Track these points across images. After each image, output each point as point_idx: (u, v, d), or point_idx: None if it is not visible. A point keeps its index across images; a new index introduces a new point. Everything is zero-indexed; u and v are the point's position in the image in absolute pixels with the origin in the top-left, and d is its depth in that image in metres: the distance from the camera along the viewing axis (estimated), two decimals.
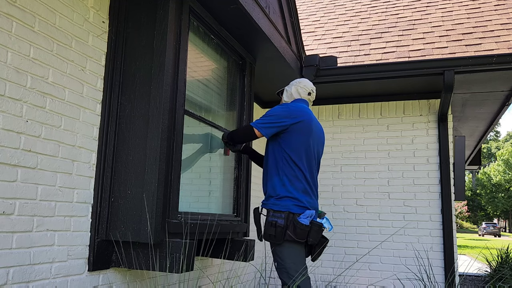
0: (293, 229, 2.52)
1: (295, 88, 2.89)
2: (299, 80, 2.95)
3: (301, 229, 2.52)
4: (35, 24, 1.98)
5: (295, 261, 2.56)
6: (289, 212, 2.55)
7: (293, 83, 2.95)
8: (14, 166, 1.85)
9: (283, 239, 2.53)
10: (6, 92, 1.83)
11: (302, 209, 2.59)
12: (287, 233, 2.52)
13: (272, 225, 2.54)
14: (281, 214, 2.55)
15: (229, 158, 3.34)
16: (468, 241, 23.62)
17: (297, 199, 2.59)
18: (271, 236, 2.55)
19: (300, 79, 2.97)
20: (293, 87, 2.90)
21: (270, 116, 2.69)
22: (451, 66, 3.89)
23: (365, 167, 4.71)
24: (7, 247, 1.81)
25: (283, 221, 2.53)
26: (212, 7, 2.81)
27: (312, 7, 7.05)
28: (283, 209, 2.56)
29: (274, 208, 2.59)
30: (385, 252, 4.46)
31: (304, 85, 2.90)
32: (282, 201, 2.59)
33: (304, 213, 2.57)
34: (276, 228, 2.53)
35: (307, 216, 2.57)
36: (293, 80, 2.99)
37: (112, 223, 2.29)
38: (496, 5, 5.24)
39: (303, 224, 2.52)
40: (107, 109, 2.38)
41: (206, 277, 3.45)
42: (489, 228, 39.05)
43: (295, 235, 2.52)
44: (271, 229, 2.54)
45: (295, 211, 2.56)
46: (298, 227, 2.52)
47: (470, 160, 8.52)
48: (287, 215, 2.54)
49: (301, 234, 2.53)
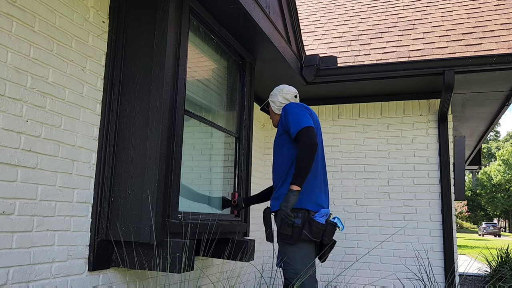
0: (309, 228, 2.47)
1: (281, 96, 2.87)
2: (280, 87, 2.93)
3: (318, 228, 2.47)
4: (35, 24, 1.98)
5: (306, 262, 2.50)
6: (306, 210, 2.51)
7: (275, 93, 2.92)
8: (14, 166, 1.85)
9: (299, 239, 2.48)
10: (6, 92, 1.83)
11: (318, 207, 2.56)
12: (303, 232, 2.46)
13: (289, 225, 2.47)
14: (297, 214, 2.49)
15: (229, 158, 3.34)
16: (468, 241, 23.62)
17: (312, 197, 2.56)
18: (287, 236, 2.47)
19: (279, 86, 2.95)
20: (279, 96, 2.88)
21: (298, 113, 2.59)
22: (451, 66, 3.88)
23: (365, 167, 4.71)
24: (7, 247, 1.81)
25: (300, 221, 2.47)
26: (212, 7, 2.81)
27: (312, 7, 7.05)
28: (299, 206, 2.50)
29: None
30: (385, 252, 4.46)
31: (288, 91, 2.90)
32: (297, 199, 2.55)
33: (319, 211, 2.54)
34: (294, 228, 2.46)
35: (323, 214, 2.53)
36: (273, 91, 2.97)
37: (112, 223, 2.29)
38: (496, 5, 5.24)
39: (319, 223, 2.47)
40: (107, 109, 2.38)
41: (206, 277, 3.45)
42: (489, 228, 39.05)
43: (311, 235, 2.46)
44: (287, 229, 2.46)
45: (311, 209, 2.52)
46: (314, 226, 2.46)
47: (470, 160, 8.52)
48: (304, 214, 2.50)
49: (317, 233, 2.48)
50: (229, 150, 3.35)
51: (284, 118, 2.67)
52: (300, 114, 2.58)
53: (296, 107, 2.66)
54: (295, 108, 2.65)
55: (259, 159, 4.73)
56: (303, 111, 2.62)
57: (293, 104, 2.69)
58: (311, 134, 2.46)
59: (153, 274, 2.74)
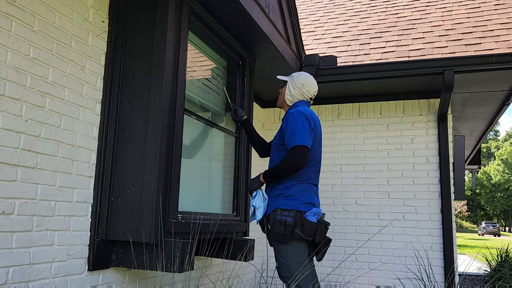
0: (301, 227, 2.52)
1: (299, 92, 2.79)
2: (303, 82, 2.81)
3: (309, 227, 2.52)
4: (35, 23, 1.98)
5: (299, 261, 2.55)
6: (297, 211, 2.56)
7: (297, 84, 2.80)
8: (13, 165, 1.85)
9: (292, 238, 2.53)
10: (5, 91, 1.83)
11: (308, 206, 2.61)
12: (295, 231, 2.52)
13: (281, 223, 2.53)
14: (289, 213, 2.55)
15: (229, 158, 3.34)
16: (468, 241, 23.63)
17: (303, 199, 2.61)
18: (280, 234, 2.54)
19: (303, 80, 2.82)
20: (297, 90, 2.78)
21: (300, 127, 2.59)
22: (451, 66, 3.88)
23: (364, 167, 4.71)
24: (7, 246, 1.81)
25: (291, 219, 2.53)
26: (212, 6, 2.81)
27: (311, 7, 7.04)
28: (290, 208, 2.57)
29: (281, 207, 2.59)
30: (384, 252, 4.46)
31: (308, 90, 2.81)
32: (289, 200, 2.59)
33: (310, 210, 2.59)
34: (286, 226, 2.52)
35: (314, 213, 2.58)
36: (296, 77, 2.83)
37: (112, 223, 2.29)
38: (496, 5, 5.24)
39: (311, 222, 2.53)
40: (107, 108, 2.37)
41: (206, 277, 3.45)
42: (489, 227, 39.04)
43: (304, 233, 2.52)
44: (280, 227, 2.53)
45: (302, 209, 2.58)
46: (306, 225, 2.52)
47: (469, 159, 8.52)
48: (295, 214, 2.55)
49: (309, 232, 2.53)
50: (228, 150, 3.35)
51: (285, 125, 2.66)
52: (302, 129, 2.57)
53: (300, 119, 2.61)
54: (299, 121, 2.61)
55: (259, 159, 4.72)
56: (305, 125, 2.59)
57: (299, 115, 2.63)
58: (301, 155, 2.54)
59: (153, 274, 2.74)
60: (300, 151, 2.53)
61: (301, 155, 2.53)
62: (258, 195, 2.69)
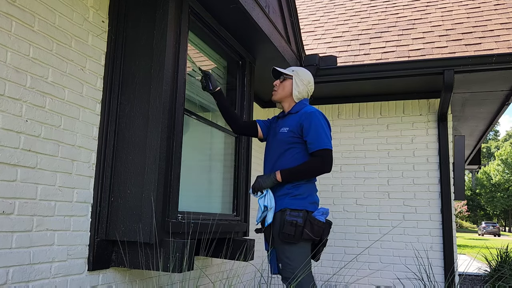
0: (311, 227, 2.50)
1: (306, 89, 2.75)
2: (309, 80, 2.77)
3: (319, 227, 2.51)
4: (35, 23, 1.98)
5: (302, 261, 2.53)
6: (306, 211, 2.54)
7: (304, 81, 2.73)
8: (13, 165, 1.85)
9: (301, 238, 2.50)
10: (5, 91, 1.83)
11: (315, 206, 2.61)
12: (305, 231, 2.49)
13: (292, 224, 2.50)
14: (299, 213, 2.52)
15: (229, 158, 3.34)
16: (468, 241, 23.64)
17: (311, 200, 2.61)
18: (290, 235, 2.50)
19: (309, 78, 2.78)
20: (304, 88, 2.74)
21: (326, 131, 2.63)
22: (451, 66, 3.89)
23: (364, 167, 4.71)
24: (7, 246, 1.81)
25: (301, 220, 2.51)
26: (212, 6, 2.81)
27: (311, 7, 7.05)
28: (300, 208, 2.54)
29: (290, 207, 2.55)
30: (384, 252, 4.47)
31: (311, 88, 2.81)
32: (297, 200, 2.56)
33: (318, 210, 2.59)
34: (297, 227, 2.49)
35: (322, 213, 2.58)
36: (301, 74, 2.75)
37: (112, 223, 2.29)
38: (496, 5, 5.24)
39: (320, 221, 2.52)
40: (107, 108, 2.37)
41: (206, 277, 3.45)
42: (489, 227, 39.04)
43: (313, 233, 2.50)
44: (290, 228, 2.49)
45: (310, 209, 2.57)
46: (315, 225, 2.50)
47: (469, 159, 8.52)
48: (304, 214, 2.53)
49: (318, 232, 2.52)
50: (228, 150, 3.35)
51: (307, 124, 2.59)
52: (327, 132, 2.62)
53: (324, 121, 2.64)
54: (323, 123, 2.62)
55: (259, 159, 4.72)
56: (328, 130, 2.65)
57: (322, 117, 2.65)
58: (331, 160, 2.57)
59: (153, 274, 2.74)
60: (330, 156, 2.56)
61: (331, 160, 2.56)
62: (269, 194, 2.59)
